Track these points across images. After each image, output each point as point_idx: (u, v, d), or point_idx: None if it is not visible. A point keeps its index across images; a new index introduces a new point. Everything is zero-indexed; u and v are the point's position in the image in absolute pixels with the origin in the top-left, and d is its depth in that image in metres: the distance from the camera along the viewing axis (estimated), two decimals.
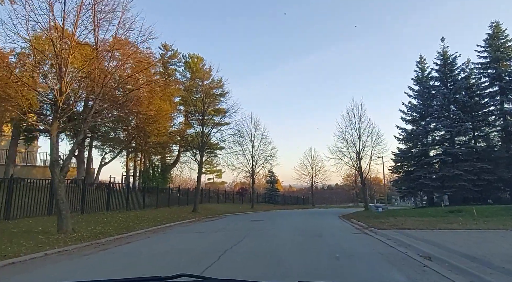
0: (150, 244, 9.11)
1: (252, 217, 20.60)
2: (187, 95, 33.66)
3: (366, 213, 20.43)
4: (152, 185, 34.05)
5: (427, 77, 24.81)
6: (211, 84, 40.83)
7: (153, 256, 7.05)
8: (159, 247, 8.54)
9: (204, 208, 27.80)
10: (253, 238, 9.22)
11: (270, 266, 5.53)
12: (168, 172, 37.54)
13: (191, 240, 9.50)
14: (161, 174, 36.95)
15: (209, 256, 6.35)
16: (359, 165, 28.12)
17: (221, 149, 40.88)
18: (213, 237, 9.89)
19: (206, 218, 19.94)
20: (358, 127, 28.36)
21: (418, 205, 53.04)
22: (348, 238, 9.77)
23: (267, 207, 39.17)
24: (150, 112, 26.36)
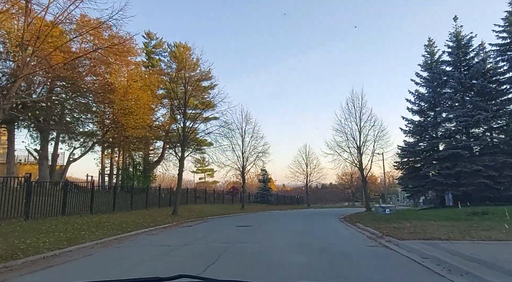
0: (65, 271, 6.18)
1: (241, 221, 17.82)
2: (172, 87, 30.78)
3: (371, 215, 17.79)
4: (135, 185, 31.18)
5: (437, 61, 22.25)
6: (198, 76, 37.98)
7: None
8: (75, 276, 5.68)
9: (189, 209, 24.97)
10: (230, 260, 6.40)
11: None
12: (151, 170, 34.64)
13: (138, 262, 6.66)
14: (143, 172, 34.05)
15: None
16: (359, 161, 25.54)
17: (210, 145, 38.25)
18: (175, 257, 7.03)
19: (186, 223, 17.10)
20: (359, 120, 25.81)
21: (417, 205, 50.83)
22: (366, 255, 7.03)
23: (259, 207, 36.40)
24: (126, 102, 23.42)
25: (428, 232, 10.01)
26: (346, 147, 26.21)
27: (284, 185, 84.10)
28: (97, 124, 24.03)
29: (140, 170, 34.09)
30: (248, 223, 15.45)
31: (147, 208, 21.78)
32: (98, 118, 24.07)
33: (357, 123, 25.72)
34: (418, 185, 19.65)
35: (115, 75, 23.37)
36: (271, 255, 6.78)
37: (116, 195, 18.36)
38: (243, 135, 32.38)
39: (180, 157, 20.47)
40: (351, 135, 25.88)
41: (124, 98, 23.38)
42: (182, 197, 30.41)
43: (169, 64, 38.19)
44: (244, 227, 13.41)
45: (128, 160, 30.91)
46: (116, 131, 24.14)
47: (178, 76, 35.21)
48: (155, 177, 35.37)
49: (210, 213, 23.91)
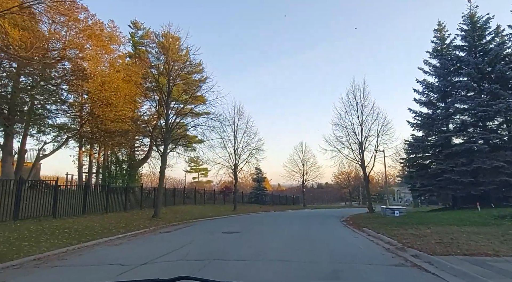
0: None
1: (229, 225, 15.59)
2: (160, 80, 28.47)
3: (379, 218, 15.65)
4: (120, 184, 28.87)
5: (449, 47, 20.19)
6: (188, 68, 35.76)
7: None
8: None
9: (175, 211, 22.70)
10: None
11: None
12: (136, 168, 32.28)
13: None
14: (128, 171, 31.70)
15: None
16: (361, 158, 23.41)
17: (200, 142, 35.95)
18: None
19: (165, 227, 14.83)
20: (360, 113, 23.68)
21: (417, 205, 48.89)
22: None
23: (253, 208, 34.18)
24: (104, 93, 21.06)
25: (461, 243, 7.88)
26: (346, 143, 24.11)
27: (280, 185, 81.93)
28: (72, 116, 21.63)
29: (124, 168, 31.75)
30: (237, 228, 13.21)
31: (126, 210, 19.46)
32: (74, 109, 21.69)
33: (359, 117, 23.63)
34: (428, 183, 17.58)
35: (92, 62, 20.97)
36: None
37: (87, 195, 15.99)
38: (236, 130, 30.17)
39: (162, 153, 18.18)
40: (352, 130, 23.79)
41: (102, 88, 21.03)
42: (169, 197, 28.17)
43: (157, 55, 35.81)
44: (231, 234, 11.18)
45: (110, 157, 28.53)
46: (93, 124, 21.77)
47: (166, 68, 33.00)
48: (141, 176, 33.01)
49: (198, 215, 21.68)
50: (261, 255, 6.95)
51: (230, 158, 29.81)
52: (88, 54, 20.59)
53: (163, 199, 25.88)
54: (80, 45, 19.08)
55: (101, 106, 21.03)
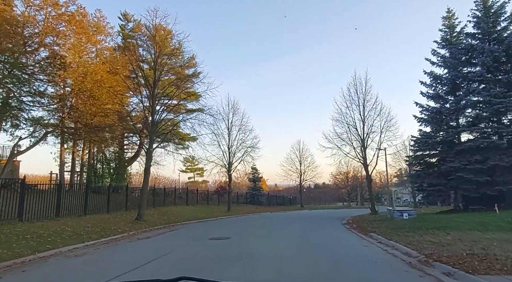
0: None
1: (220, 228, 14.03)
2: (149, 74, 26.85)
3: (386, 221, 14.14)
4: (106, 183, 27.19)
5: (459, 35, 18.71)
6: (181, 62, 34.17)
7: None
8: None
9: (164, 213, 21.11)
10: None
11: None
12: (125, 167, 30.61)
13: None
14: (116, 169, 30.01)
15: None
16: (363, 156, 21.92)
17: (194, 140, 34.33)
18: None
19: (148, 231, 13.22)
20: (362, 108, 22.23)
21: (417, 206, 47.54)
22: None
23: (248, 209, 32.62)
24: (87, 84, 19.40)
25: (499, 255, 6.38)
26: (347, 140, 22.63)
27: (276, 185, 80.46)
28: (50, 110, 19.89)
29: (112, 167, 30.08)
30: (227, 233, 11.64)
31: (109, 212, 17.87)
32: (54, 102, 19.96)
33: (360, 112, 22.18)
34: (437, 183, 16.11)
35: (73, 51, 19.27)
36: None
37: (61, 195, 14.33)
38: (230, 127, 28.57)
39: (148, 149, 16.56)
40: (354, 126, 22.32)
41: (84, 79, 19.37)
42: (159, 198, 26.55)
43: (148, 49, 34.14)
44: (219, 241, 9.60)
45: (96, 155, 26.85)
46: (74, 118, 20.08)
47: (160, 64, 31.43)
48: (130, 175, 31.34)
49: (188, 217, 20.09)
50: (252, 273, 5.39)
51: (224, 156, 28.23)
52: (68, 42, 18.94)
53: (152, 200, 24.30)
54: (58, 31, 17.43)
55: (82, 98, 19.38)
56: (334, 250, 8.04)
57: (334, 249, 8.26)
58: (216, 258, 7.02)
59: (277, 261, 6.53)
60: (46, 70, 17.22)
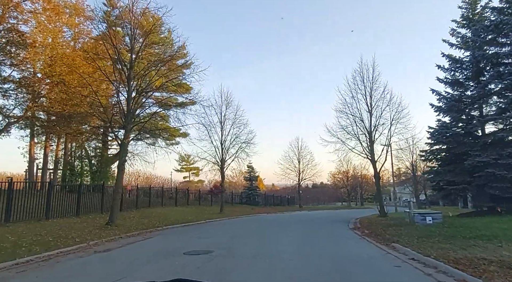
0: None
1: (204, 237, 11.57)
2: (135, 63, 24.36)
3: (405, 226, 11.74)
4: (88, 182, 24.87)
5: (483, 11, 16.33)
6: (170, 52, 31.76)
7: None
8: None
9: (147, 215, 18.67)
10: None
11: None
12: (108, 165, 28.12)
13: None
14: (98, 168, 27.56)
15: None
16: (370, 151, 19.56)
17: (185, 136, 31.91)
18: None
19: (116, 241, 10.75)
20: (369, 97, 19.87)
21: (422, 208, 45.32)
22: None
23: (243, 210, 30.19)
24: (55, 68, 16.90)
25: None
26: (353, 133, 20.26)
27: (274, 185, 78.04)
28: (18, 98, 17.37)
29: (93, 164, 27.58)
30: (211, 244, 9.22)
31: (79, 215, 15.41)
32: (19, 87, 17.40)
33: (367, 102, 19.82)
34: (461, 181, 13.78)
35: (41, 30, 16.74)
36: None
37: (11, 196, 11.82)
38: (223, 120, 26.09)
39: (122, 141, 14.09)
40: (360, 118, 19.95)
41: (53, 62, 16.88)
42: (143, 198, 24.07)
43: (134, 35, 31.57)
44: (197, 258, 7.16)
45: (74, 151, 24.37)
46: (43, 107, 17.58)
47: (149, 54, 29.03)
48: (113, 173, 28.81)
49: (173, 220, 17.63)
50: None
51: (217, 152, 25.77)
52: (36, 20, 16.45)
53: (135, 201, 21.84)
54: (17, 3, 14.92)
55: (50, 84, 16.89)
56: (358, 277, 5.61)
57: (357, 274, 5.81)
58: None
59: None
60: (4, 49, 14.71)
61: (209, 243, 9.43)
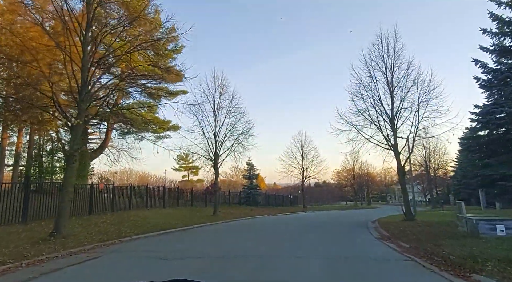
0: None
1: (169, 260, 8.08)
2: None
3: (464, 239, 8.22)
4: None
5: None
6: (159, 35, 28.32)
7: None
8: None
9: (121, 220, 15.30)
10: None
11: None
12: (87, 162, 24.73)
13: None
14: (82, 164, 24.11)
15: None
16: (393, 142, 16.05)
17: (176, 129, 28.46)
18: None
19: (47, 262, 7.32)
20: (390, 76, 16.34)
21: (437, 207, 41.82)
22: None
23: (241, 211, 26.74)
24: None
25: None
26: (370, 120, 16.74)
27: (275, 184, 74.40)
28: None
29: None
30: (183, 270, 5.82)
31: (26, 222, 12.03)
32: None
33: (388, 82, 16.27)
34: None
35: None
36: None
37: None
38: (216, 109, 22.61)
39: (72, 124, 10.61)
40: (378, 101, 16.44)
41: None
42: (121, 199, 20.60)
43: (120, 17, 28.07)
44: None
45: (40, 144, 20.99)
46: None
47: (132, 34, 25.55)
48: (93, 171, 25.45)
49: (150, 227, 14.22)
50: None
51: (210, 146, 22.30)
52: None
53: (111, 202, 18.43)
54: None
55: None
56: None
57: None
58: None
59: None
60: None
61: (175, 273, 5.98)
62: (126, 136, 28.79)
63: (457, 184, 42.89)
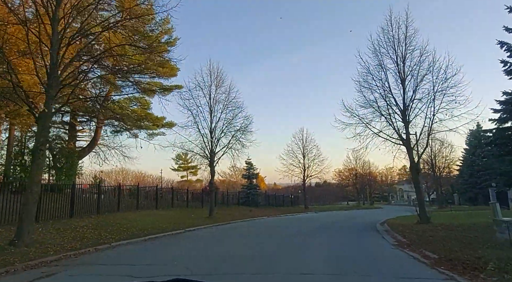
0: None
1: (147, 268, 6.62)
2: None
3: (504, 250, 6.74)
4: None
5: None
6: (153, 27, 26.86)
7: None
8: None
9: (106, 223, 13.86)
10: None
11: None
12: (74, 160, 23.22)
13: None
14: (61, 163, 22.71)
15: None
16: (405, 136, 14.54)
17: (171, 126, 26.97)
18: None
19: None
20: (402, 64, 14.84)
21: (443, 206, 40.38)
22: None
23: (239, 212, 25.25)
24: None
25: None
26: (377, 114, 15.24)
27: (276, 184, 72.81)
28: None
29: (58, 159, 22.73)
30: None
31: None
32: None
33: (400, 70, 14.78)
34: None
35: None
36: None
37: None
38: (212, 104, 21.10)
39: (40, 112, 9.10)
40: (389, 91, 14.93)
41: None
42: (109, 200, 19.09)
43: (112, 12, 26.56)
44: None
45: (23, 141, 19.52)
46: None
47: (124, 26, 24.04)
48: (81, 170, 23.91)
49: (135, 231, 12.78)
50: None
51: (206, 142, 20.79)
52: None
53: (96, 203, 16.92)
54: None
55: None
56: None
57: None
58: None
59: None
60: None
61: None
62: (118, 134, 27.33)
63: (464, 183, 41.37)
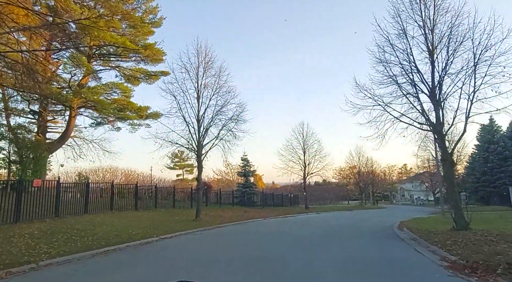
0: None
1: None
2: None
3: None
4: None
5: None
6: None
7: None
8: None
9: (59, 230, 11.09)
10: None
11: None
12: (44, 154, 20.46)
13: None
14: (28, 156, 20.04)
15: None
16: (436, 118, 11.65)
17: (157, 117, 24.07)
18: None
19: None
20: (429, 32, 11.96)
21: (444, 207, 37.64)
22: None
23: (232, 213, 22.28)
24: None
25: None
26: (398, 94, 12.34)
27: (274, 183, 70.01)
28: None
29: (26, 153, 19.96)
30: None
31: None
32: None
33: (428, 39, 11.91)
34: None
35: None
36: None
37: None
38: (200, 88, 18.12)
39: None
40: (414, 63, 12.03)
41: None
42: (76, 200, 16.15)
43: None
44: None
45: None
46: None
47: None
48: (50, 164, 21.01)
49: (93, 240, 9.93)
50: None
51: (192, 133, 17.84)
52: None
53: (54, 205, 13.99)
54: None
55: None
56: None
57: None
58: None
59: None
60: None
61: None
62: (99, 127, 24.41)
63: (475, 182, 38.58)
